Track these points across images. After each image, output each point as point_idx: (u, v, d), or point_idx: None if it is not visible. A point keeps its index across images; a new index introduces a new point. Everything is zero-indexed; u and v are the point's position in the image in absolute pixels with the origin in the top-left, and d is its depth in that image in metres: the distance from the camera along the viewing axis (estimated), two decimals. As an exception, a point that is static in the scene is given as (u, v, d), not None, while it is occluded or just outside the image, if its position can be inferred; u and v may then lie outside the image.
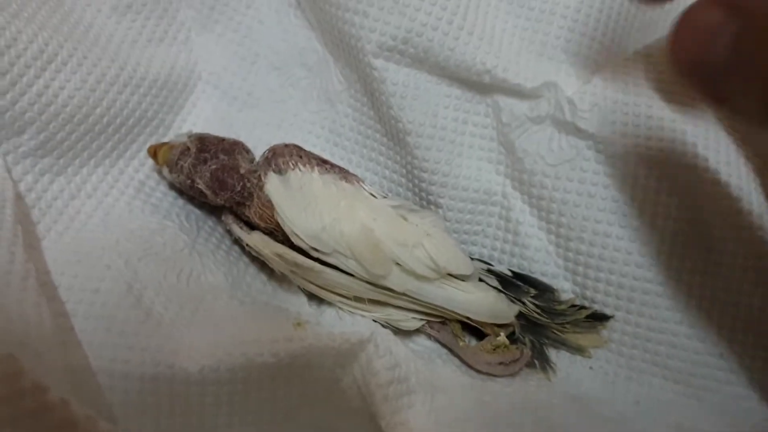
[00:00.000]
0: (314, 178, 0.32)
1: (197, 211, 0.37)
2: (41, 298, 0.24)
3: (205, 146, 0.34)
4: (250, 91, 0.40)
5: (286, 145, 0.34)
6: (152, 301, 0.28)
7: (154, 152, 0.35)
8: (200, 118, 0.39)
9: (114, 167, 0.35)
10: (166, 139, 0.37)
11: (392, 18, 0.33)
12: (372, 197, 0.33)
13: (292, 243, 0.31)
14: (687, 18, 0.21)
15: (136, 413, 0.25)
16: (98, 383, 0.24)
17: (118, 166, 0.35)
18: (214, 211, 0.37)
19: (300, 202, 0.31)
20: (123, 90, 0.34)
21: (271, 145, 0.34)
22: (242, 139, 0.37)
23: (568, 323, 0.34)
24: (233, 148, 0.35)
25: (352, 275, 0.31)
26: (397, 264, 0.31)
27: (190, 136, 0.35)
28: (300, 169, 0.31)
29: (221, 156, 0.34)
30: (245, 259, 0.35)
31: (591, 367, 0.34)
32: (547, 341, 0.34)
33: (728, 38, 0.20)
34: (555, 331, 0.34)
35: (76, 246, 0.28)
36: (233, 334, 0.27)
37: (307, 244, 0.31)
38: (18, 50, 0.29)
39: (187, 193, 0.35)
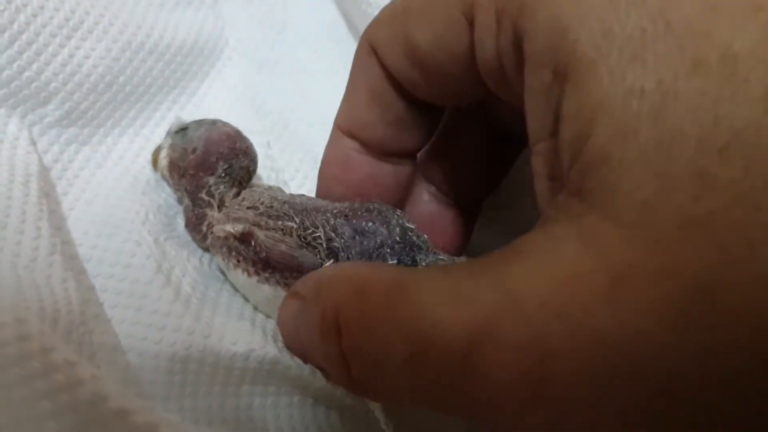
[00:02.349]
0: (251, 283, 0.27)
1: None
2: (68, 273, 0.24)
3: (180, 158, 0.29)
4: (277, 60, 0.39)
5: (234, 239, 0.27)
6: (179, 281, 0.27)
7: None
8: (226, 85, 0.39)
9: (139, 135, 0.34)
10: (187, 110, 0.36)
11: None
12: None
13: None
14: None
15: (163, 393, 0.25)
16: (127, 360, 0.25)
17: (143, 134, 0.34)
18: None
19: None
20: (148, 57, 0.34)
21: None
22: (266, 108, 0.36)
23: None
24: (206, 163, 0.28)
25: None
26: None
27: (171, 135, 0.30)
28: (240, 271, 0.27)
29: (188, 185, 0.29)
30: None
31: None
32: None
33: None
34: None
35: (105, 218, 0.28)
36: (263, 328, 0.27)
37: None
38: (44, 19, 0.29)
39: None
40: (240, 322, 0.27)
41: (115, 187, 0.31)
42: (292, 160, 0.37)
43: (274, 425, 0.27)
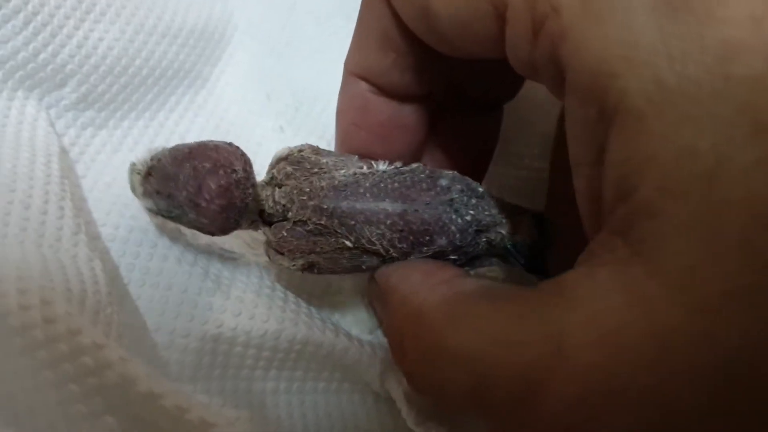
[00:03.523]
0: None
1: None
2: (94, 253, 0.24)
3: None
4: (288, 41, 0.39)
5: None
6: (208, 260, 0.27)
7: None
8: (238, 69, 0.38)
9: (154, 120, 0.34)
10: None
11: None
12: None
13: None
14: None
15: (191, 373, 0.25)
16: (154, 341, 0.24)
17: (157, 119, 0.34)
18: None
19: None
20: (161, 41, 0.34)
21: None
22: (278, 92, 0.36)
23: None
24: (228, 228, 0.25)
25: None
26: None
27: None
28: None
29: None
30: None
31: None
32: None
33: None
34: None
35: (126, 200, 0.28)
36: (296, 304, 0.27)
37: None
38: (57, 0, 0.28)
39: None
40: (272, 299, 0.27)
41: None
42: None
43: (299, 411, 0.27)
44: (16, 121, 0.26)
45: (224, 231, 0.25)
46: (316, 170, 0.26)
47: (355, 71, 0.27)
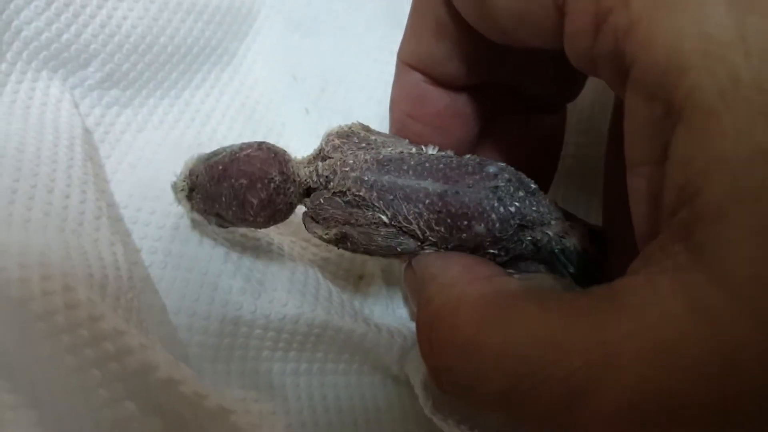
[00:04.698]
0: None
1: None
2: (115, 237, 0.24)
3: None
4: (314, 16, 0.38)
5: None
6: (229, 242, 0.27)
7: None
8: (263, 47, 0.38)
9: (179, 99, 0.34)
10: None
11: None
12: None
13: None
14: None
15: (211, 355, 0.25)
16: (173, 324, 0.24)
17: (183, 97, 0.34)
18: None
19: None
20: (186, 18, 0.33)
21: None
22: (303, 73, 0.35)
23: None
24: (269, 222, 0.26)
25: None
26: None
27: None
28: None
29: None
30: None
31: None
32: None
33: None
34: None
35: (149, 181, 0.28)
36: (315, 288, 0.26)
37: None
38: (80, -22, 0.28)
39: None
40: (291, 283, 0.27)
41: (157, 151, 0.31)
42: (331, 126, 0.36)
43: (319, 393, 0.27)
44: (40, 102, 0.27)
45: (278, 223, 0.25)
46: (363, 145, 0.26)
47: (409, 61, 0.26)
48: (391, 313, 0.29)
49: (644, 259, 0.18)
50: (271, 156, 0.24)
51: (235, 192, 0.24)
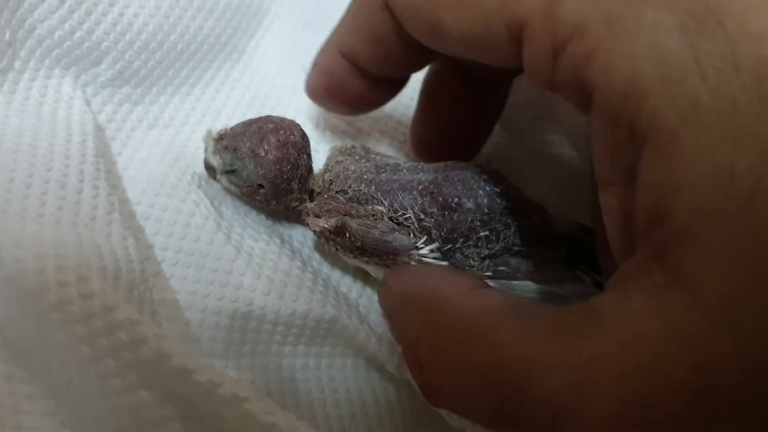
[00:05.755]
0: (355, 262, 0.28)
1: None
2: (128, 232, 0.24)
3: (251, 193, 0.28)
4: (324, 14, 0.39)
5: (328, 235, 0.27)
6: (241, 236, 0.27)
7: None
8: (273, 43, 0.38)
9: (190, 95, 0.34)
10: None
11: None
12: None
13: None
14: None
15: (222, 350, 0.25)
16: (187, 318, 0.25)
17: (193, 93, 0.34)
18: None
19: None
20: (196, 15, 0.34)
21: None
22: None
23: None
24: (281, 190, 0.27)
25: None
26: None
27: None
28: (341, 254, 0.28)
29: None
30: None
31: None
32: None
33: None
34: None
35: (161, 178, 0.28)
36: (324, 284, 0.27)
37: None
38: (92, -23, 0.28)
39: None
40: (301, 280, 0.27)
41: (168, 149, 0.31)
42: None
43: (329, 387, 0.27)
44: (53, 100, 0.27)
45: (276, 189, 0.27)
46: (363, 159, 0.28)
47: (343, 50, 0.27)
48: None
49: (621, 276, 0.18)
50: (299, 127, 0.28)
51: (260, 130, 0.27)
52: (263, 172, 0.26)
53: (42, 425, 0.21)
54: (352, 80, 0.28)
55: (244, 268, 0.26)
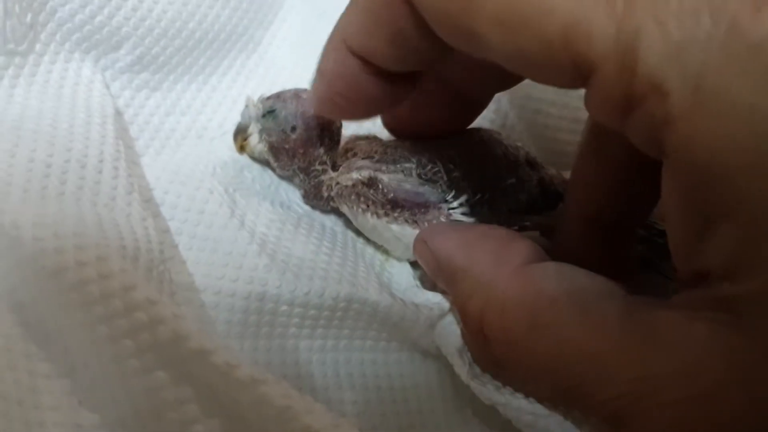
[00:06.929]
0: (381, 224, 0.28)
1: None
2: (147, 213, 0.24)
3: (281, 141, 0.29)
4: (338, 5, 0.38)
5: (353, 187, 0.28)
6: (254, 223, 0.27)
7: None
8: (288, 34, 0.38)
9: (206, 84, 0.34)
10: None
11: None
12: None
13: None
14: None
15: (238, 332, 0.25)
16: (202, 300, 0.25)
17: (210, 82, 0.34)
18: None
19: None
20: (214, 4, 0.34)
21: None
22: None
23: None
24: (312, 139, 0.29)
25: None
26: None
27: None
28: (369, 215, 0.28)
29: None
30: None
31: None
32: None
33: None
34: None
35: (176, 165, 0.28)
36: (341, 262, 0.27)
37: None
38: (113, -38, 0.29)
39: None
40: (315, 260, 0.27)
41: (184, 137, 0.31)
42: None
43: (345, 368, 0.27)
44: (73, 82, 0.27)
45: (308, 134, 0.28)
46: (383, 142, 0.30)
47: (352, 47, 0.25)
48: (416, 289, 0.29)
49: (686, 299, 0.19)
50: None
51: (297, 95, 0.29)
52: (302, 110, 0.28)
53: (59, 404, 0.21)
54: (366, 79, 0.26)
55: (259, 249, 0.26)
